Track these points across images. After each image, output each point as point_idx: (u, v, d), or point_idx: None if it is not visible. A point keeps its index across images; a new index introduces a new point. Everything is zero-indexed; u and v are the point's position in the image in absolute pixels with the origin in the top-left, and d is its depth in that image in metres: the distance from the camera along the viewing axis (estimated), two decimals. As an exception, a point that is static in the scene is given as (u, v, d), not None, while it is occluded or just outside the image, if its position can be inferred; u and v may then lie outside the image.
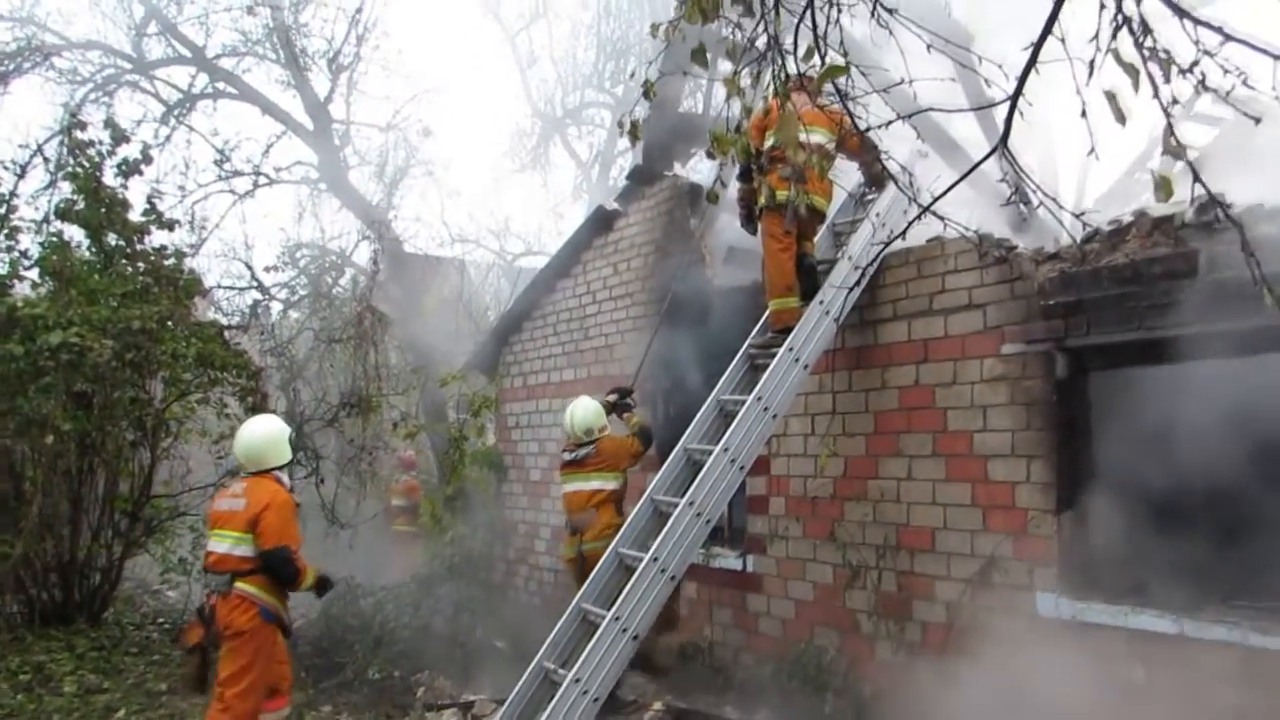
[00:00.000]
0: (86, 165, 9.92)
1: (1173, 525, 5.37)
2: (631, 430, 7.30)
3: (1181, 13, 1.82)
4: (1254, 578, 4.98)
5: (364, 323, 12.88)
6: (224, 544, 5.60)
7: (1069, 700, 5.21)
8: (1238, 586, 4.96)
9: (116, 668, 8.32)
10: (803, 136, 5.74)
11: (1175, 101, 1.82)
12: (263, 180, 15.20)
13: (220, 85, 15.18)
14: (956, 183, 2.42)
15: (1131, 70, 1.80)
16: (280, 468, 5.87)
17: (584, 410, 7.30)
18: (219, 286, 15.50)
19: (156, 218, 10.48)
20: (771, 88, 2.81)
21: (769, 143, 6.34)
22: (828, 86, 2.52)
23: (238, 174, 15.04)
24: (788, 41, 2.46)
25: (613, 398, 7.57)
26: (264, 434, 5.88)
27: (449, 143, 42.66)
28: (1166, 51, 1.76)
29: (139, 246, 10.22)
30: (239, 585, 5.55)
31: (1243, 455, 5.24)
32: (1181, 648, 4.80)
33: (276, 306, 15.62)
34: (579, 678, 5.36)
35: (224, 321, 14.11)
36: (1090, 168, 12.84)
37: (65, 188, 10.06)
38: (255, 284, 15.19)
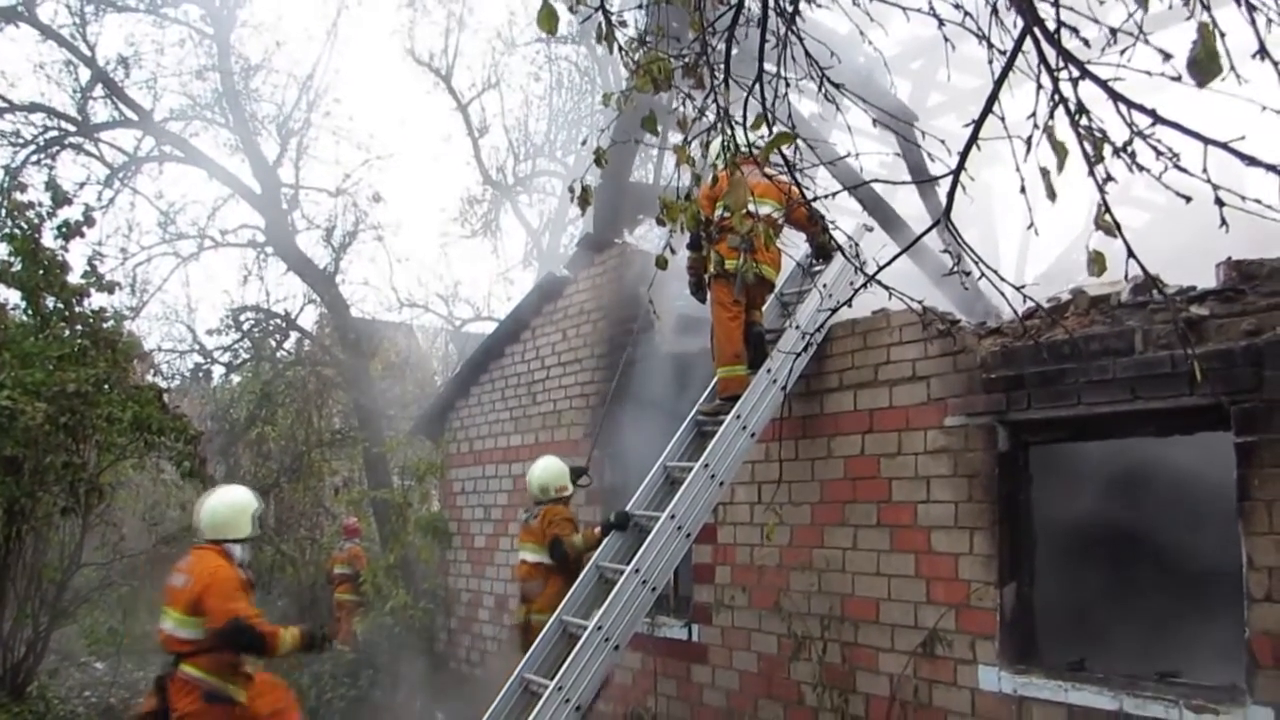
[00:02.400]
0: (25, 227, 9.76)
1: (1112, 600, 5.46)
2: (570, 539, 6.86)
3: (1115, 96, 1.90)
4: (1191, 654, 5.05)
5: (308, 386, 12.73)
6: (168, 623, 5.35)
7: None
8: (1175, 662, 5.01)
9: (38, 746, 7.97)
10: (751, 207, 5.85)
11: (1109, 179, 1.89)
12: (208, 243, 15.08)
13: (166, 148, 15.10)
14: (902, 251, 2.48)
15: (1061, 149, 1.87)
16: (238, 540, 5.61)
17: (543, 469, 7.22)
18: (159, 349, 15.25)
19: (96, 280, 10.32)
20: (721, 158, 2.87)
21: (718, 213, 6.45)
22: (775, 158, 2.58)
23: (182, 236, 14.92)
24: (737, 113, 2.52)
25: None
26: (230, 503, 5.70)
27: (399, 208, 42.88)
28: (1101, 131, 1.84)
29: (77, 309, 10.04)
30: (182, 668, 5.28)
31: (1180, 531, 5.36)
32: (1120, 722, 4.82)
33: (219, 370, 15.39)
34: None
35: (163, 385, 13.86)
36: (1030, 246, 13.24)
37: (1, 249, 9.90)
38: (197, 347, 14.96)
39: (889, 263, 2.41)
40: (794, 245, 7.07)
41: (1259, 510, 4.43)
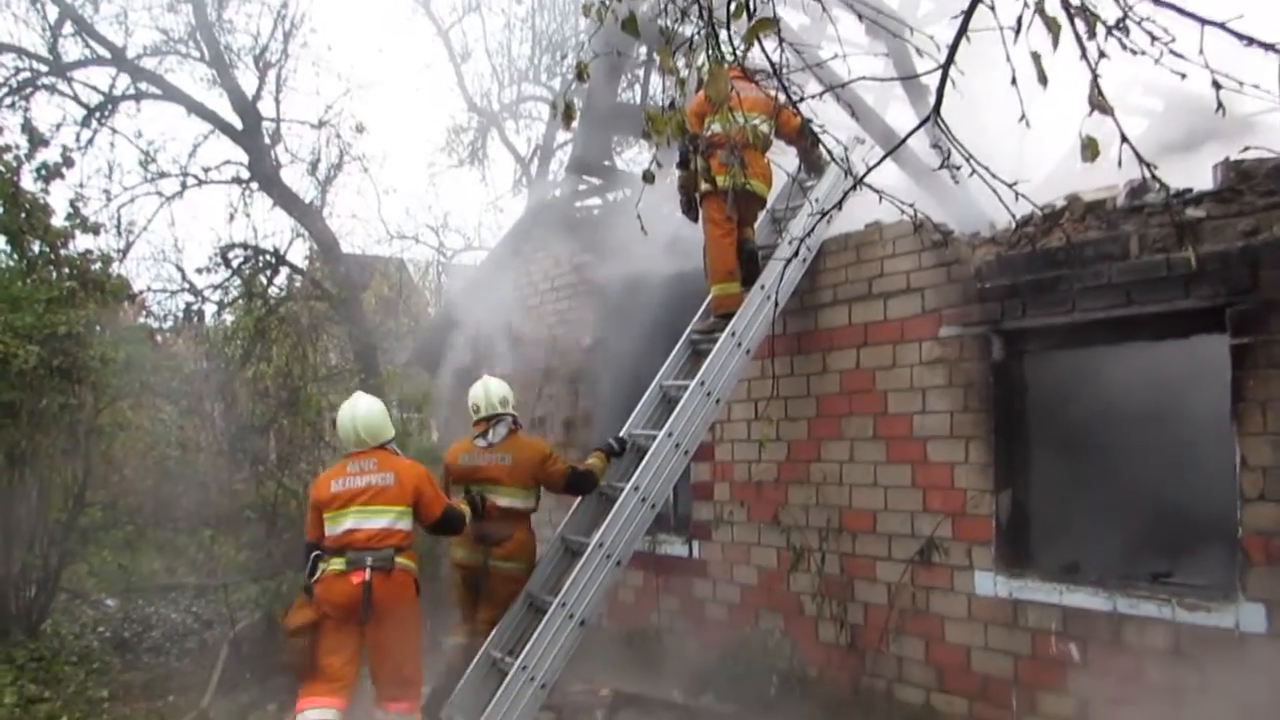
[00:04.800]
0: (3, 170, 9.64)
1: (1106, 504, 5.52)
2: (593, 467, 6.24)
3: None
4: (1183, 555, 5.12)
5: (301, 321, 12.68)
6: (383, 519, 5.37)
7: (1007, 677, 5.32)
8: (1168, 564, 5.09)
9: (56, 677, 8.16)
10: (740, 119, 5.76)
11: (1103, 55, 1.85)
12: (191, 181, 14.85)
13: (143, 86, 14.75)
14: (893, 149, 2.45)
15: (1054, 25, 1.83)
16: (389, 442, 5.71)
17: (495, 381, 6.50)
18: (149, 290, 15.12)
19: (80, 222, 10.22)
20: (706, 66, 2.81)
21: (707, 129, 6.38)
22: (765, 67, 2.53)
23: (164, 175, 14.68)
24: (720, 13, 2.46)
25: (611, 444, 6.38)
26: (379, 409, 5.75)
27: (384, 139, 42.19)
28: (1093, 9, 1.79)
29: (63, 252, 9.96)
30: (401, 561, 5.36)
31: (1172, 435, 5.39)
32: (1114, 625, 4.91)
33: (210, 309, 15.30)
34: (526, 665, 5.35)
35: (155, 326, 13.80)
36: (1025, 160, 13.08)
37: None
38: (187, 286, 14.82)
39: (880, 160, 2.39)
40: (785, 160, 7.00)
41: (1253, 411, 4.46)
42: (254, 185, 14.68)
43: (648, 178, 3.82)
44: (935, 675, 5.74)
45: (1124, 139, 1.88)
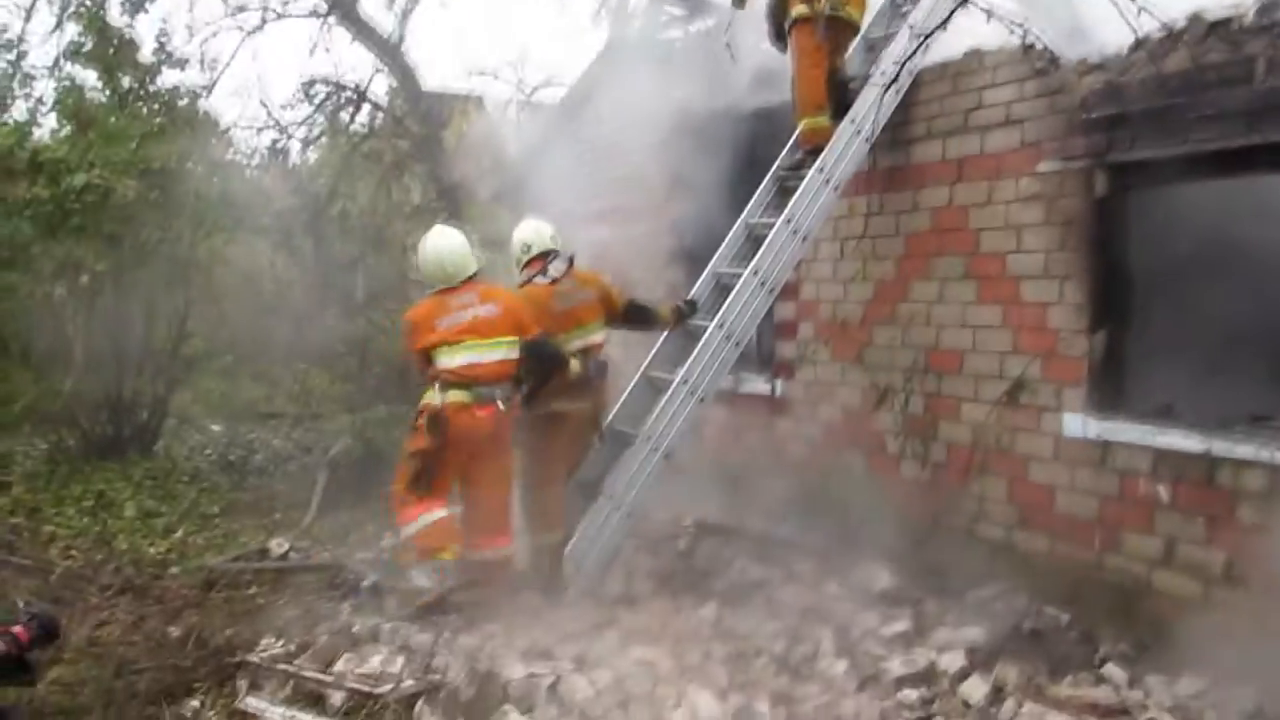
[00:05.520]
0: (90, 3, 9.66)
1: (1205, 345, 5.35)
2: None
3: None
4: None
5: (385, 159, 12.70)
6: (498, 351, 5.38)
7: (1091, 516, 5.33)
8: (1268, 406, 4.95)
9: (171, 494, 8.75)
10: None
11: None
12: (270, 15, 14.71)
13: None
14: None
15: None
16: (474, 276, 5.60)
17: (543, 221, 6.11)
18: (235, 126, 15.24)
19: (167, 56, 10.27)
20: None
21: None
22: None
23: (243, 9, 14.56)
24: None
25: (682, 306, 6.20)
26: (461, 241, 5.64)
27: (463, -30, 40.96)
28: None
29: (152, 87, 10.06)
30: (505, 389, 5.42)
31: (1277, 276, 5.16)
32: (1208, 466, 4.84)
33: (295, 145, 15.38)
34: (612, 494, 5.52)
35: (243, 161, 13.97)
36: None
37: (72, 29, 9.86)
38: (273, 122, 14.89)
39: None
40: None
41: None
42: (332, 19, 14.50)
43: (737, 3, 3.65)
44: (1017, 514, 5.77)
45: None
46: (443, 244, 5.61)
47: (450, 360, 5.34)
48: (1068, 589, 5.29)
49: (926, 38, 2.78)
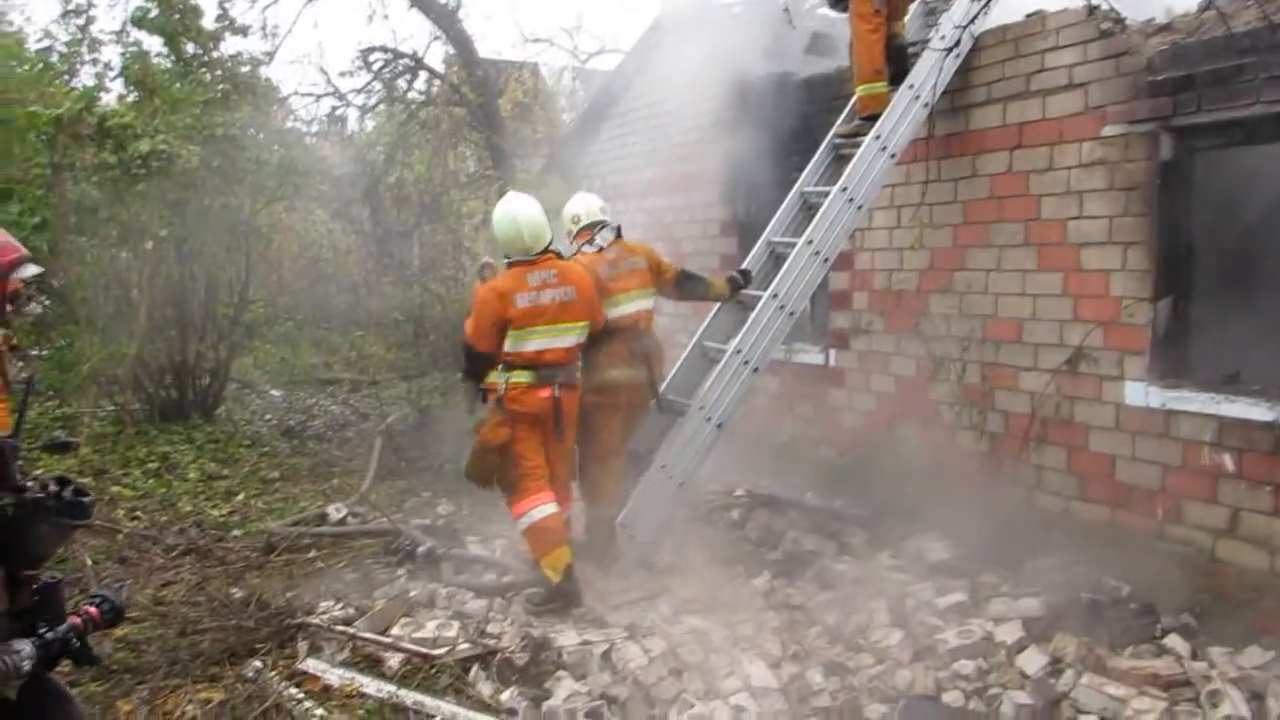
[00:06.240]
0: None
1: (1272, 313, 5.21)
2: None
3: None
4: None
5: (441, 126, 12.78)
6: (570, 337, 5.31)
7: (1154, 486, 5.25)
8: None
9: (233, 458, 8.97)
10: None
11: None
12: (329, -19, 14.87)
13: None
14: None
15: None
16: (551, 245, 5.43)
17: (589, 194, 6.26)
18: (296, 94, 15.42)
19: (229, 24, 10.41)
20: None
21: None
22: None
23: (305, -25, 14.70)
24: None
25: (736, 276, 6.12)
26: (539, 210, 5.39)
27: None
28: None
29: (215, 54, 10.21)
30: (578, 376, 5.46)
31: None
32: (1274, 435, 4.72)
33: (353, 115, 15.54)
34: (664, 464, 5.55)
35: (303, 129, 14.15)
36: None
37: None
38: (332, 90, 15.05)
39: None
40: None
41: None
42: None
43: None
44: (1077, 483, 5.69)
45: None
46: (520, 211, 5.35)
47: (520, 344, 5.22)
48: (1128, 560, 5.21)
49: (986, 2, 2.71)
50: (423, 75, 14.57)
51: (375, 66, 13.98)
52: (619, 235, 5.93)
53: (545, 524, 5.23)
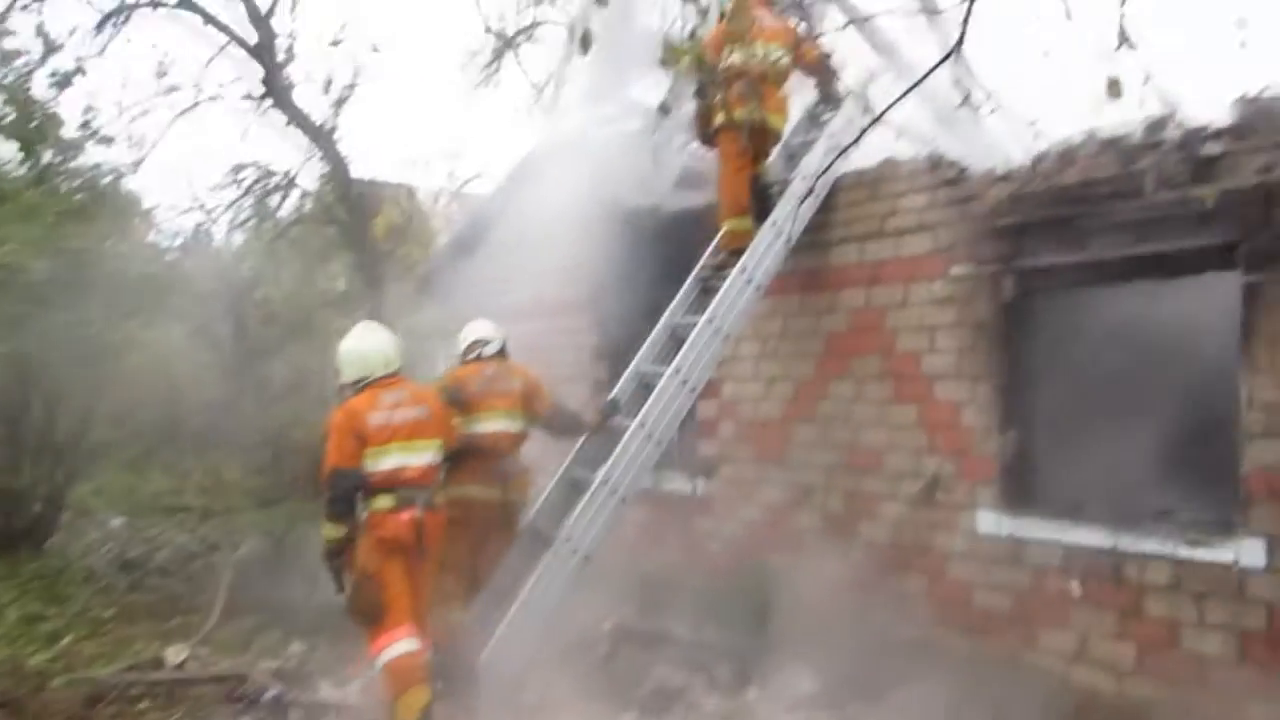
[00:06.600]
0: (15, 77, 9.53)
1: (1111, 444, 5.51)
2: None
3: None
4: (1186, 493, 5.13)
5: (311, 245, 12.59)
6: (426, 455, 5.22)
7: (1005, 612, 5.37)
8: (1171, 501, 5.10)
9: (60, 595, 8.21)
10: (760, 50, 5.65)
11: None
12: (204, 96, 14.67)
13: (159, -7, 14.49)
14: (913, 86, 2.39)
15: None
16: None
17: (489, 320, 6.40)
18: (159, 207, 15.02)
19: (92, 134, 10.13)
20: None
21: (725, 60, 6.25)
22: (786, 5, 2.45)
23: (176, 89, 14.49)
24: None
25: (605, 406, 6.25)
26: (389, 337, 5.53)
27: (398, 61, 41.42)
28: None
29: (74, 164, 9.89)
30: (439, 497, 5.32)
31: (1179, 374, 5.37)
32: (1115, 561, 4.94)
33: (220, 229, 15.19)
34: (528, 600, 5.40)
35: (165, 245, 13.73)
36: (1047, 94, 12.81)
37: (-7, 101, 9.67)
38: (199, 204, 14.71)
39: (900, 97, 2.33)
40: (802, 94, 6.87)
41: (1261, 349, 4.46)
42: (266, 102, 14.50)
43: (664, 109, 3.75)
44: (937, 611, 5.79)
45: (1146, 79, 1.83)
46: (368, 340, 5.47)
47: (376, 464, 5.12)
48: (990, 688, 5.28)
49: (841, 153, 2.87)
50: (295, 193, 14.40)
51: (246, 183, 13.75)
52: (504, 353, 6.11)
53: (402, 662, 4.97)
